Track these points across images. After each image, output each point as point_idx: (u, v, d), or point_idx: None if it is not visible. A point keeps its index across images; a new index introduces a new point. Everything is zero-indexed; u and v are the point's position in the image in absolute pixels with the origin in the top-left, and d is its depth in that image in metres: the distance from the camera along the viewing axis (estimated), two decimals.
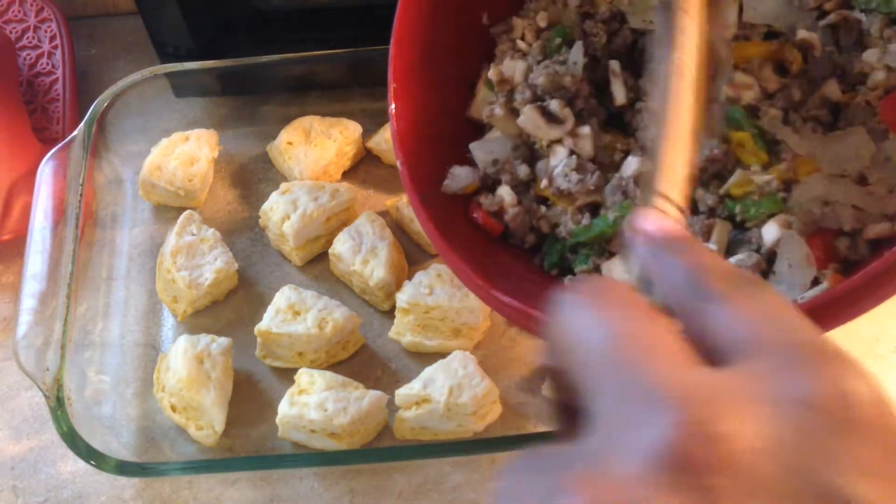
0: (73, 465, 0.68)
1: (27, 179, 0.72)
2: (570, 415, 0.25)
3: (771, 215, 0.49)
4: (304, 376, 0.67)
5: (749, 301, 0.24)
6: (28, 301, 0.64)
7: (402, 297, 0.69)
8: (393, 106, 0.61)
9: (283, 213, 0.74)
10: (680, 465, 0.20)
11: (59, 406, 0.61)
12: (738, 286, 0.25)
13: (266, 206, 0.76)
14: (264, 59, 0.77)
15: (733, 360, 0.23)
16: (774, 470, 0.20)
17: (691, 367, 0.22)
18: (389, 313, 0.72)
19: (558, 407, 0.25)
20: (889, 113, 0.46)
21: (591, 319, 0.23)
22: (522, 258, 0.62)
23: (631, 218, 0.30)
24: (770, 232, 0.49)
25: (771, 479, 0.20)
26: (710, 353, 0.24)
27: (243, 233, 0.79)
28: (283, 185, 0.77)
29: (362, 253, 0.72)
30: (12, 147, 0.76)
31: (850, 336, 0.73)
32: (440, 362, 0.67)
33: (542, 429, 0.68)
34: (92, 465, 0.60)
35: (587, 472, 0.20)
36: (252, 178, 0.82)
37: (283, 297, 0.70)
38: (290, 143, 0.79)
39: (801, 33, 0.52)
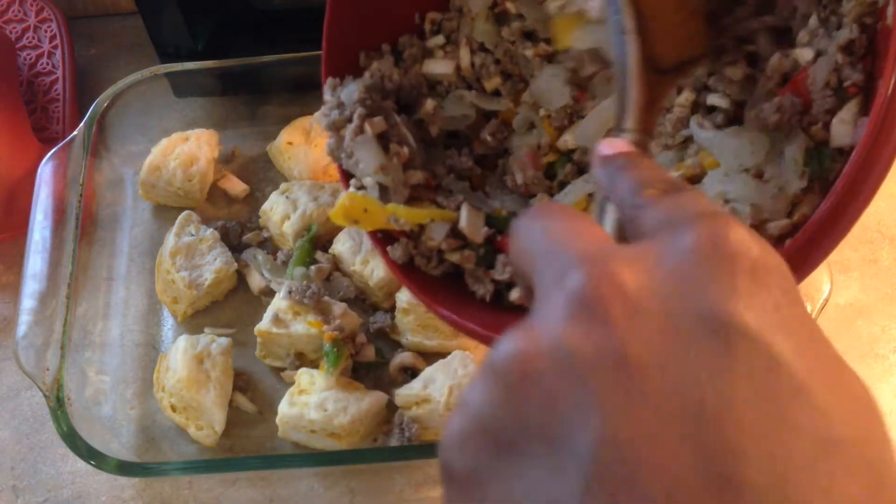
0: (73, 465, 0.68)
1: (27, 179, 0.72)
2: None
3: None
4: (304, 376, 0.67)
5: (669, 201, 0.30)
6: (28, 301, 0.64)
7: (402, 297, 0.69)
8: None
9: (283, 213, 0.74)
10: (587, 301, 0.25)
11: (59, 406, 0.61)
12: (665, 191, 0.31)
13: (266, 206, 0.76)
14: (264, 59, 0.77)
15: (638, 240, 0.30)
16: (660, 299, 0.25)
17: (603, 242, 0.29)
18: (389, 313, 0.72)
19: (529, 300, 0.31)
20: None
21: (533, 224, 0.30)
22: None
23: (596, 147, 0.36)
24: None
25: (657, 305, 0.25)
26: (641, 237, 0.30)
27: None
28: (283, 185, 0.77)
29: (362, 253, 0.72)
30: (12, 147, 0.76)
31: (850, 336, 0.74)
32: (440, 362, 0.67)
33: None
34: (92, 465, 0.60)
35: (526, 327, 0.26)
36: (252, 178, 0.82)
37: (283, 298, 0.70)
38: (290, 143, 0.79)
39: None
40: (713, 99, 0.50)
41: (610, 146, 0.36)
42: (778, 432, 0.23)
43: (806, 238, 0.42)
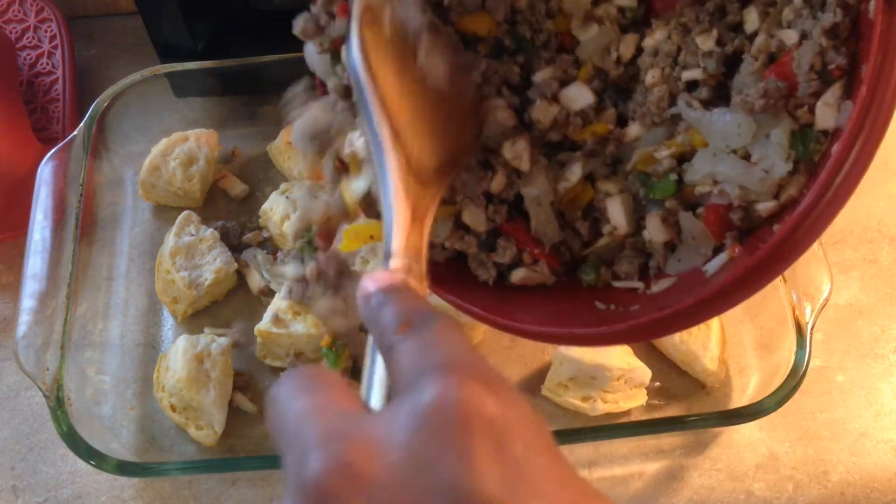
0: (73, 465, 0.68)
1: (27, 179, 0.72)
2: None
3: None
4: None
5: (414, 340, 0.30)
6: (28, 301, 0.64)
7: None
8: None
9: (283, 213, 0.74)
10: (324, 497, 0.25)
11: (59, 406, 0.61)
12: (415, 328, 0.31)
13: (266, 206, 0.76)
14: (264, 59, 0.77)
15: (393, 394, 0.30)
16: (399, 480, 0.25)
17: (346, 416, 0.28)
18: None
19: None
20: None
21: (285, 395, 0.30)
22: None
23: (360, 284, 0.36)
24: (653, 225, 0.51)
25: (396, 487, 0.24)
26: (394, 387, 0.30)
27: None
28: (283, 185, 0.77)
29: (362, 252, 0.72)
30: (12, 147, 0.76)
31: (850, 336, 0.74)
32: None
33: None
34: (92, 465, 0.60)
35: None
36: (252, 178, 0.82)
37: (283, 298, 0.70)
38: (289, 143, 0.79)
39: None
40: (688, 74, 0.50)
41: (373, 282, 0.36)
42: None
43: (795, 222, 0.42)
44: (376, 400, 0.33)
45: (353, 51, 0.46)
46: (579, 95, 0.54)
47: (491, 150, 0.54)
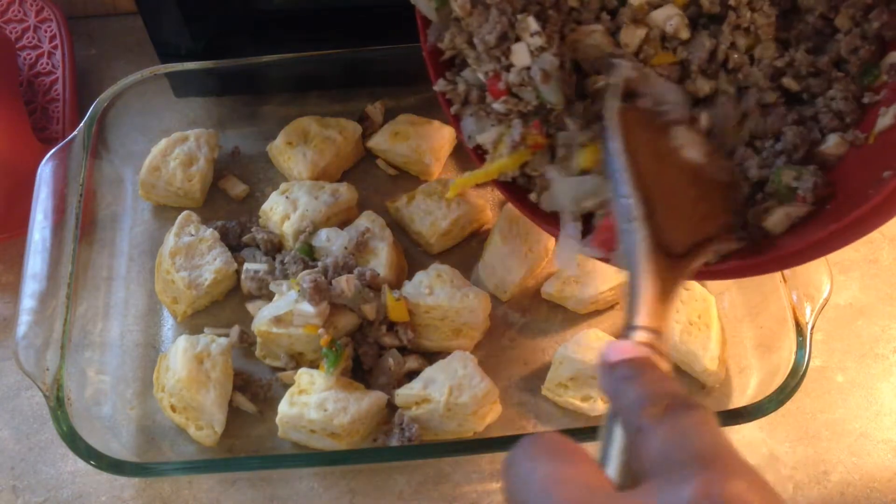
0: (73, 465, 0.68)
1: (27, 179, 0.72)
2: None
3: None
4: (304, 376, 0.67)
5: (670, 427, 0.29)
6: (28, 301, 0.64)
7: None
8: None
9: (283, 213, 0.74)
10: None
11: (59, 406, 0.61)
12: (667, 412, 0.30)
13: (266, 206, 0.76)
14: (264, 59, 0.77)
15: (644, 481, 0.29)
16: None
17: (596, 494, 0.28)
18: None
19: None
20: None
21: (523, 464, 0.29)
22: None
23: (602, 351, 0.36)
24: None
25: None
26: (641, 474, 0.29)
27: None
28: (283, 185, 0.77)
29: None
30: (12, 147, 0.76)
31: (850, 336, 0.74)
32: (440, 362, 0.67)
33: (542, 429, 0.68)
34: (92, 465, 0.60)
35: None
36: (252, 178, 0.82)
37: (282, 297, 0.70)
38: (289, 144, 0.79)
39: None
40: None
41: (616, 352, 0.35)
42: None
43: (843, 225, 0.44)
44: (612, 470, 0.32)
45: (611, 125, 0.48)
46: (667, 14, 0.55)
47: (586, 76, 0.56)
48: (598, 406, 0.67)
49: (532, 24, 0.54)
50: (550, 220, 0.60)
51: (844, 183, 0.50)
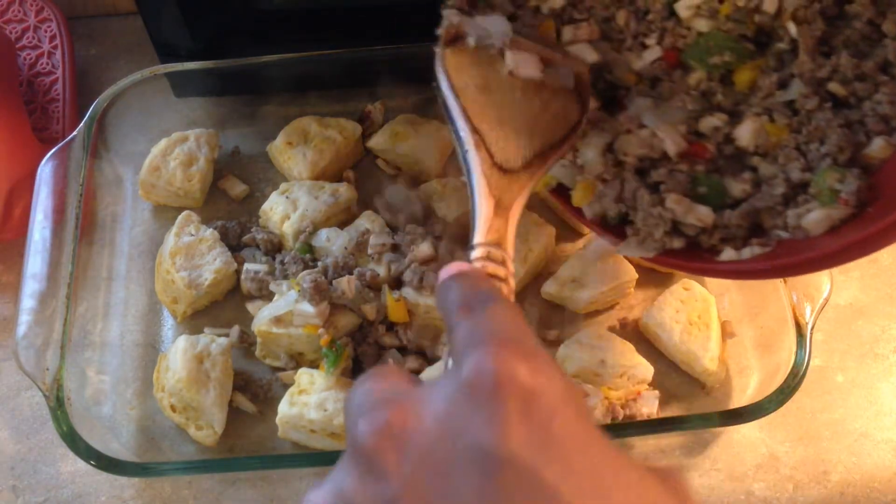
0: (73, 465, 0.68)
1: (27, 179, 0.72)
2: None
3: None
4: (304, 376, 0.67)
5: (470, 322, 0.32)
6: (28, 301, 0.64)
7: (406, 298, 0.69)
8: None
9: (283, 213, 0.74)
10: (366, 455, 0.28)
11: (59, 406, 0.61)
12: (473, 308, 0.33)
13: (266, 206, 0.76)
14: (264, 59, 0.77)
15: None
16: (434, 441, 0.27)
17: (397, 388, 0.31)
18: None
19: None
20: None
21: (356, 385, 0.33)
22: None
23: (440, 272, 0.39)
24: None
25: (430, 448, 0.27)
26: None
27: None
28: (283, 185, 0.77)
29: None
30: (12, 147, 0.76)
31: (850, 336, 0.74)
32: (440, 362, 0.67)
33: None
34: (92, 465, 0.60)
35: (323, 482, 0.29)
36: (252, 178, 0.82)
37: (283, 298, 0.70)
38: (289, 144, 0.79)
39: None
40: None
41: (445, 271, 0.39)
42: None
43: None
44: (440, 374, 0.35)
45: (439, 72, 0.54)
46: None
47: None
48: (598, 406, 0.67)
49: None
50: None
51: (886, 186, 0.51)
